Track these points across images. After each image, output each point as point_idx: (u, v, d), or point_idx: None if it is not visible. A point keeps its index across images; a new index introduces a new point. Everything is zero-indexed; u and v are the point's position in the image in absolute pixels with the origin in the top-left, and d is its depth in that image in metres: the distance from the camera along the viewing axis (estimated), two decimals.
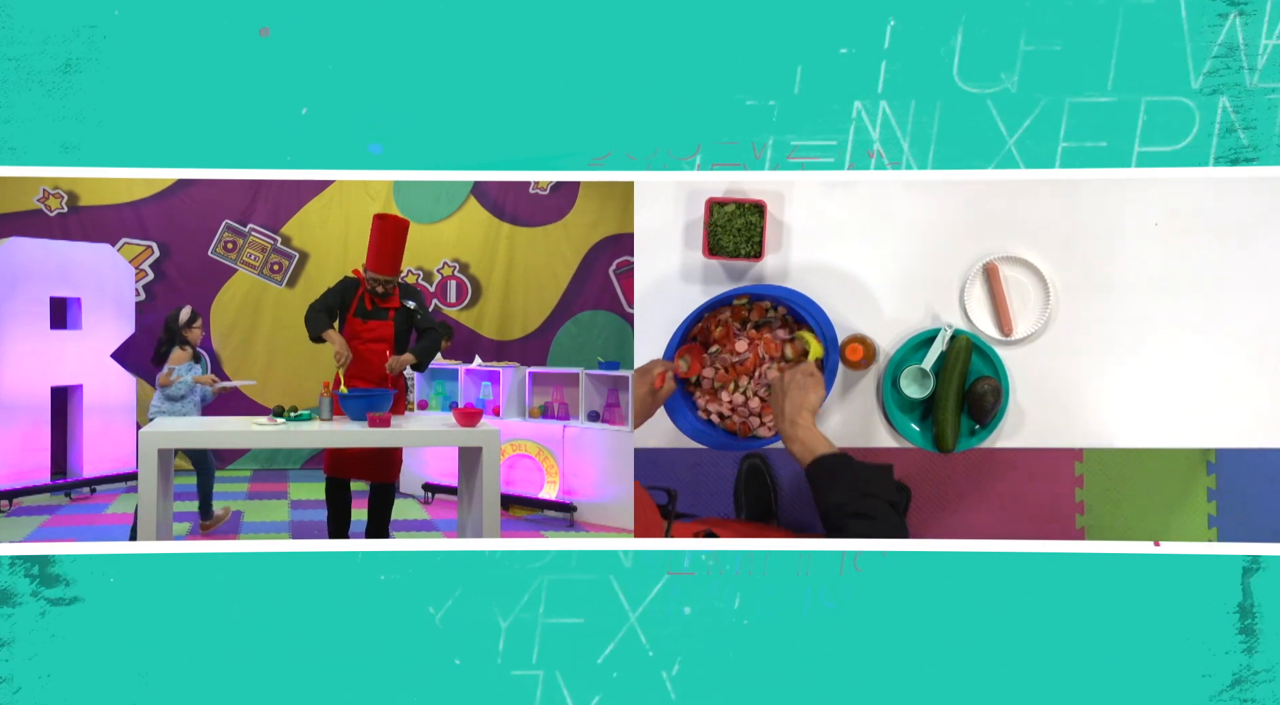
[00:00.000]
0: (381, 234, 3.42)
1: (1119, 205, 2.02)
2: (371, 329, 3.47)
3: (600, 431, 4.40)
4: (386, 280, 3.44)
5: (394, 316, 3.50)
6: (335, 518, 3.49)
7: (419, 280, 5.75)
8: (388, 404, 3.18)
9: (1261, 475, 2.77)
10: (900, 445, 2.06)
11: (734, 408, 2.03)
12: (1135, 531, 2.77)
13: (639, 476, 2.26)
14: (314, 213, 5.64)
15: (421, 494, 4.78)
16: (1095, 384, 2.04)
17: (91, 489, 4.69)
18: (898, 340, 2.05)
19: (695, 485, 2.79)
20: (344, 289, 3.48)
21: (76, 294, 4.77)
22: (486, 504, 2.99)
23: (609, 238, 5.81)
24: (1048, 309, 2.02)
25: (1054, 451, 2.80)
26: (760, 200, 2.03)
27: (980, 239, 2.05)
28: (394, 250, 3.43)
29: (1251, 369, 2.02)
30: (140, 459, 2.85)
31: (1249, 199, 2.00)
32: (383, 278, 3.43)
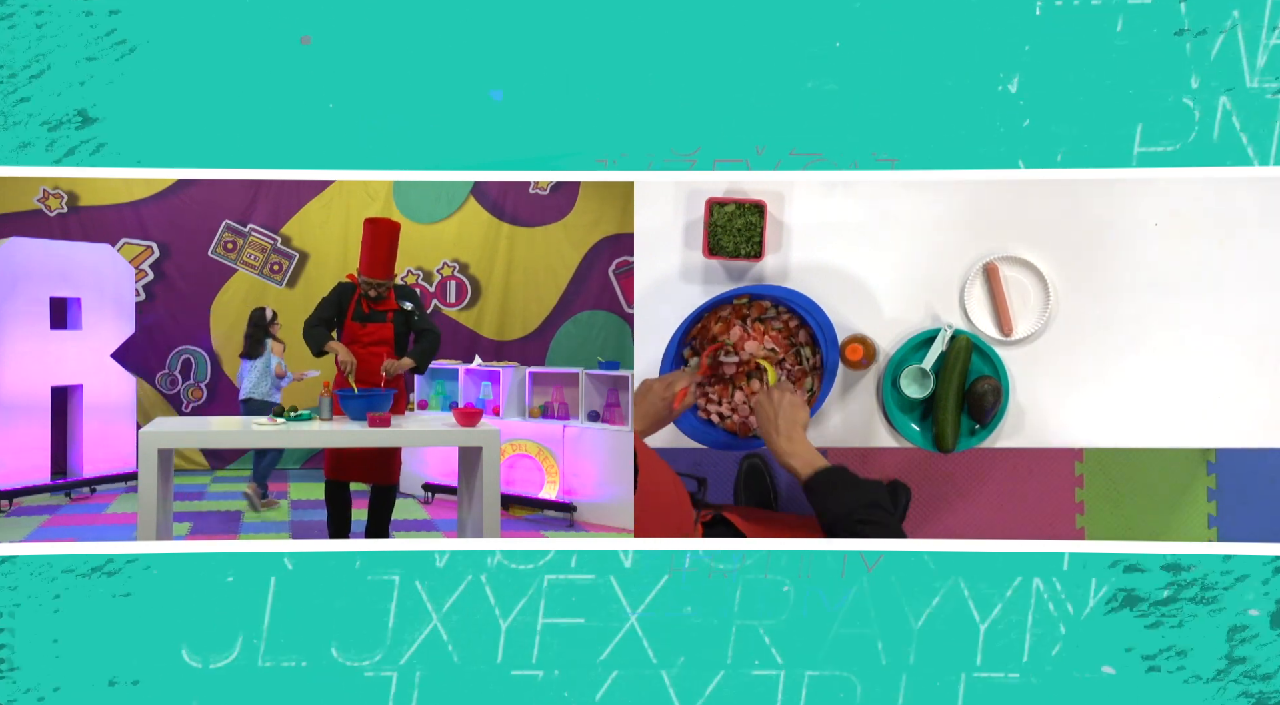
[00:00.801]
0: (373, 238, 3.42)
1: (1119, 205, 2.02)
2: (370, 332, 3.47)
3: (600, 431, 4.40)
4: (379, 284, 3.44)
5: (392, 318, 3.51)
6: (335, 519, 3.49)
7: (419, 280, 5.75)
8: (388, 404, 3.19)
9: (1261, 475, 2.77)
10: (900, 445, 2.06)
11: (734, 408, 2.03)
12: (1135, 531, 2.77)
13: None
14: (314, 213, 5.64)
15: (421, 494, 4.78)
16: (1095, 384, 2.04)
17: (91, 489, 4.69)
18: (898, 340, 2.05)
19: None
20: (340, 295, 3.48)
21: (76, 294, 4.77)
22: (486, 504, 2.99)
23: (609, 238, 5.81)
24: (1048, 309, 2.02)
25: (1054, 451, 2.81)
26: (760, 200, 2.03)
27: (980, 239, 2.05)
28: (385, 254, 3.44)
29: (1251, 369, 2.02)
30: (140, 459, 2.85)
31: (1249, 199, 2.00)
32: (375, 281, 3.43)
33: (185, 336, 5.48)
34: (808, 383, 2.02)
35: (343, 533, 3.49)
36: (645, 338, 2.09)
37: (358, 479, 3.45)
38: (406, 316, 3.53)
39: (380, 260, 3.43)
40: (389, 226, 3.44)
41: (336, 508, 3.48)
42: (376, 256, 3.42)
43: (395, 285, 3.53)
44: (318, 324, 3.44)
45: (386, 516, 3.50)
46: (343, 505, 3.49)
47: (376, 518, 3.48)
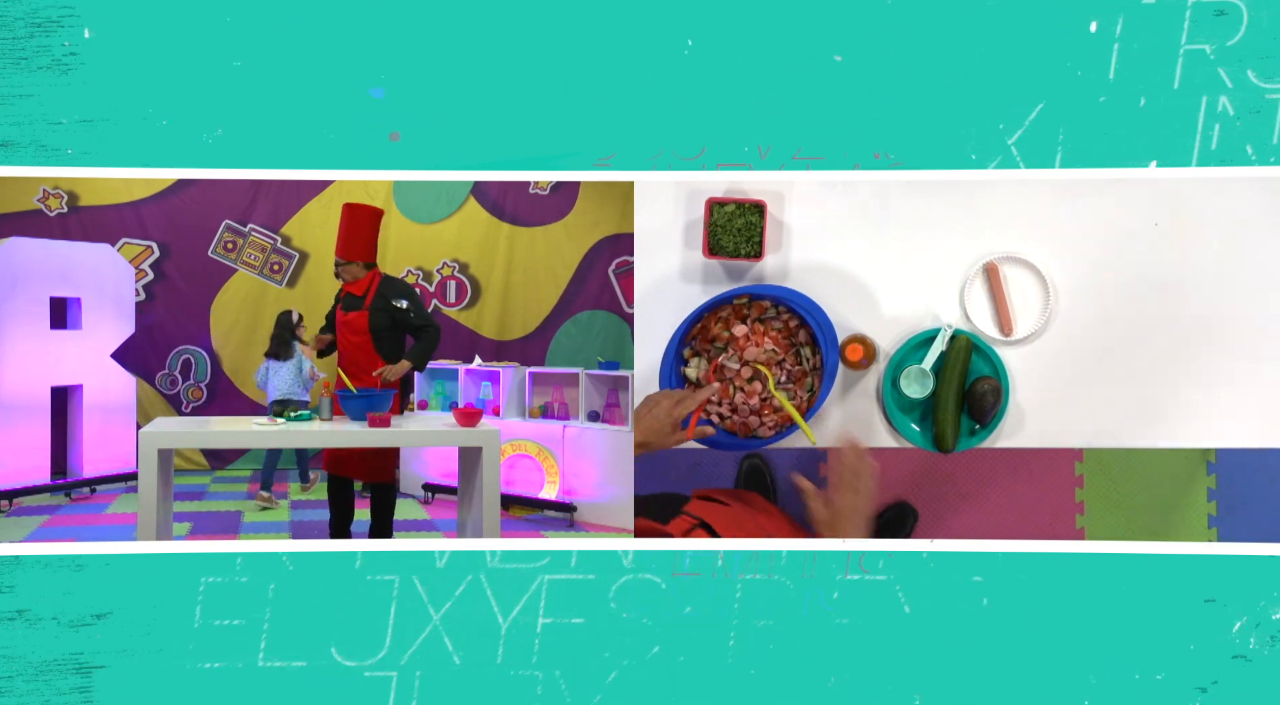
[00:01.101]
0: (346, 220, 3.51)
1: (1119, 205, 2.02)
2: (350, 321, 3.49)
3: (600, 431, 4.40)
4: (344, 264, 3.49)
5: (369, 307, 3.49)
6: (336, 516, 3.51)
7: (419, 280, 5.75)
8: (388, 404, 3.19)
9: (1261, 475, 2.77)
10: (900, 445, 2.06)
11: (734, 408, 2.03)
12: (1135, 531, 2.77)
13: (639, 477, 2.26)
14: (314, 213, 5.63)
15: (421, 494, 4.78)
16: (1095, 384, 2.04)
17: (91, 489, 4.69)
18: (898, 340, 2.05)
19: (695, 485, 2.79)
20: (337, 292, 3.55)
21: (76, 294, 4.77)
22: (486, 504, 2.99)
23: (609, 238, 5.81)
24: (1048, 309, 2.02)
25: (1054, 451, 2.81)
26: (760, 200, 2.03)
27: (980, 239, 2.05)
28: (350, 233, 3.51)
29: (1251, 369, 2.02)
30: (140, 459, 2.85)
31: (1249, 199, 2.00)
32: (341, 261, 3.48)
33: (185, 336, 5.48)
34: (808, 382, 2.02)
35: (344, 530, 3.50)
36: (645, 338, 2.09)
37: (354, 475, 3.47)
38: (390, 312, 3.53)
39: (344, 239, 3.50)
40: (363, 209, 3.51)
41: (338, 505, 3.50)
42: (343, 236, 3.49)
43: (384, 277, 3.53)
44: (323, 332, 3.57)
45: (388, 516, 3.51)
46: (345, 502, 3.50)
47: (379, 517, 3.50)
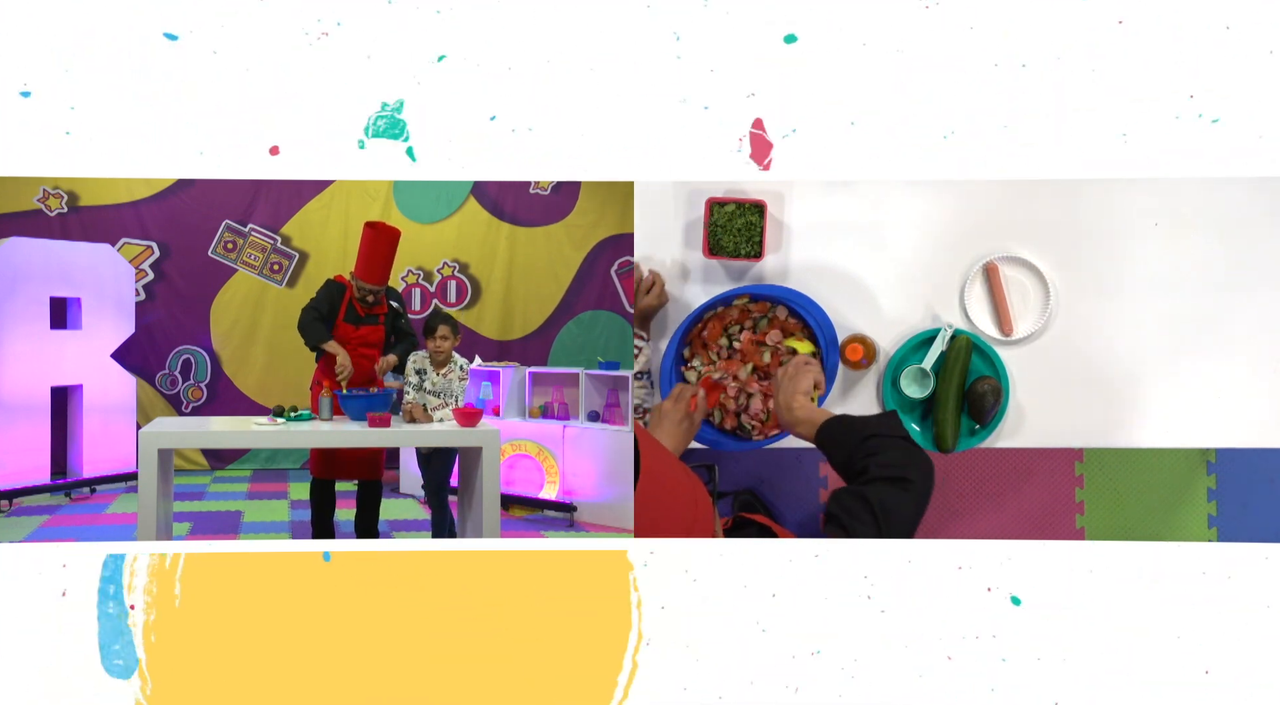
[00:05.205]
0: (372, 244, 3.42)
1: (1119, 205, 2.02)
2: (364, 336, 3.49)
3: (600, 431, 4.40)
4: (375, 289, 3.45)
5: (384, 320, 3.53)
6: (319, 517, 3.51)
7: (419, 280, 5.75)
8: (388, 404, 3.19)
9: (1261, 475, 2.77)
10: None
11: (736, 411, 2.03)
12: (1135, 531, 2.77)
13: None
14: (314, 213, 5.64)
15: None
16: (1095, 384, 2.04)
17: (91, 489, 4.69)
18: (898, 340, 2.05)
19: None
20: (331, 295, 3.48)
21: (76, 294, 4.77)
22: (486, 504, 2.99)
23: (610, 238, 5.82)
24: (1048, 309, 2.02)
25: (1054, 451, 2.81)
26: (760, 200, 2.03)
27: (980, 239, 2.05)
28: (384, 260, 3.45)
29: (1251, 369, 2.02)
30: (140, 459, 2.86)
31: (1249, 199, 2.00)
32: (372, 287, 3.44)
33: (185, 336, 5.48)
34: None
35: (327, 529, 3.51)
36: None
37: (346, 477, 3.47)
38: (395, 317, 3.55)
39: (378, 266, 3.44)
40: (389, 233, 3.45)
41: (321, 506, 3.50)
42: (375, 262, 3.43)
43: (388, 288, 3.55)
44: (317, 318, 3.44)
45: (375, 512, 3.51)
46: (327, 501, 3.50)
47: (365, 513, 3.50)
